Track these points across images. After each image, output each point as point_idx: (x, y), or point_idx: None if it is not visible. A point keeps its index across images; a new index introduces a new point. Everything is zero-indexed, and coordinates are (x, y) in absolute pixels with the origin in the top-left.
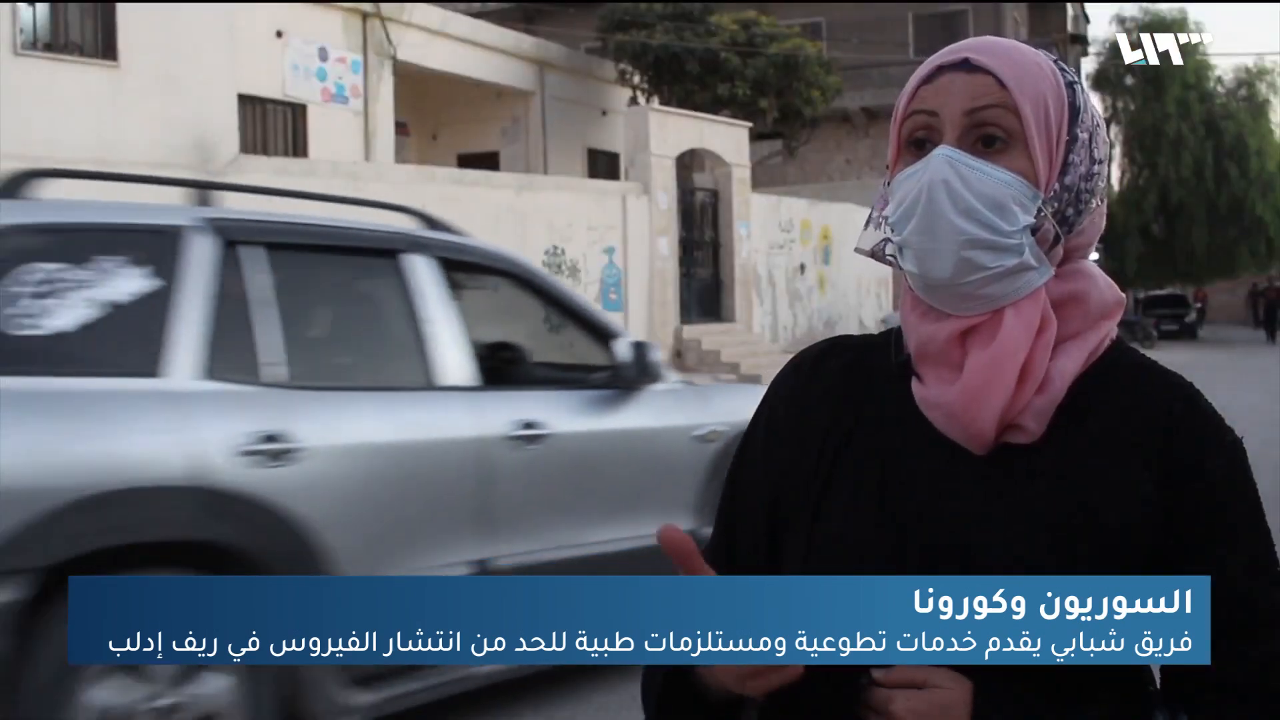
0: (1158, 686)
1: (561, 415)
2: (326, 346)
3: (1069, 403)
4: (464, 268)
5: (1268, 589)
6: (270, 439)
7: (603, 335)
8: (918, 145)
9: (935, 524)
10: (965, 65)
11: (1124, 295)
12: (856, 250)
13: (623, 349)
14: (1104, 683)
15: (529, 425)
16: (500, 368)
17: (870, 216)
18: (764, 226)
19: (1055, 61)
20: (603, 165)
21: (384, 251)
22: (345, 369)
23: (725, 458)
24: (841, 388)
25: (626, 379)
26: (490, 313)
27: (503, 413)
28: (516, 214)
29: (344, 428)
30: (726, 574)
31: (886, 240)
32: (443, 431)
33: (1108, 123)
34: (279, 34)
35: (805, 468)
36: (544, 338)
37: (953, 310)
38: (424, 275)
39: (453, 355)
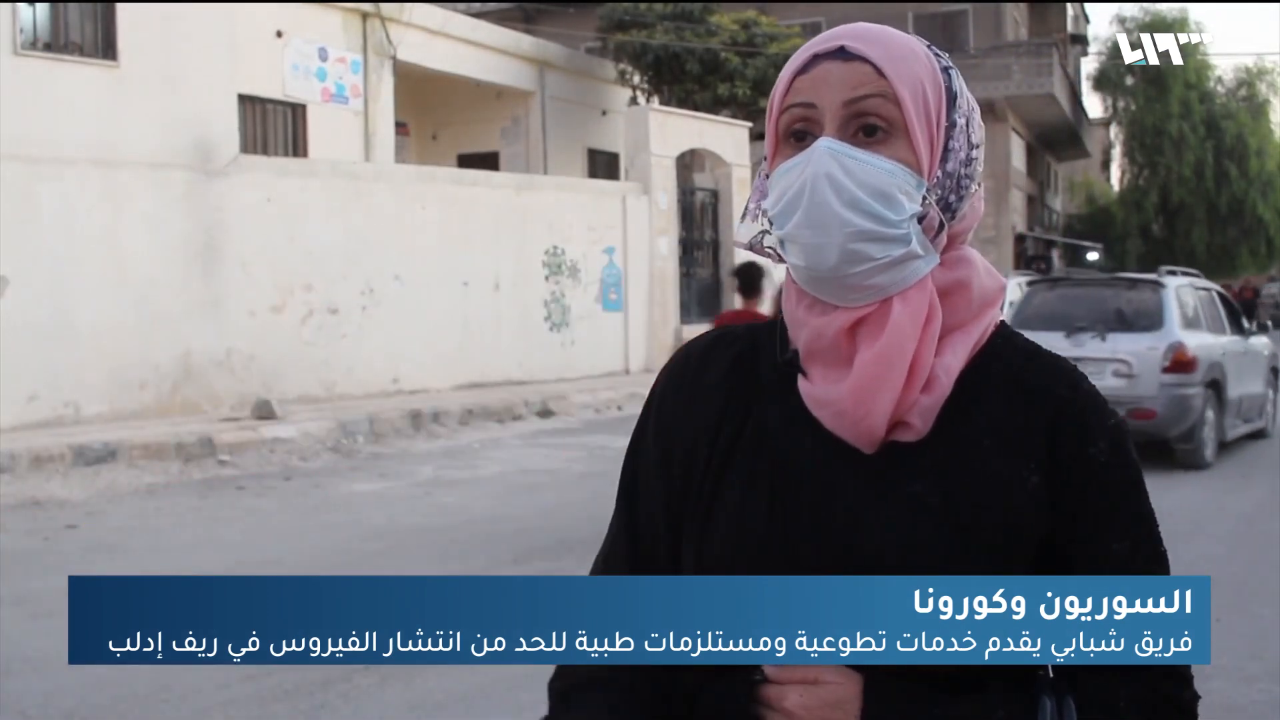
0: (1046, 671)
1: (1245, 342)
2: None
3: (955, 395)
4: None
5: (1152, 568)
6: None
7: (1239, 318)
8: (797, 137)
9: (826, 524)
10: (842, 53)
11: (1004, 282)
12: (735, 243)
13: (1247, 326)
14: (993, 671)
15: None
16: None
17: (746, 209)
18: None
19: (929, 46)
20: (603, 165)
21: (1158, 284)
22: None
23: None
24: (729, 382)
25: (1249, 332)
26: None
27: (1232, 338)
28: (516, 214)
29: (1193, 341)
30: (635, 567)
31: (765, 232)
32: (1206, 345)
33: (1108, 123)
34: (279, 34)
35: (696, 467)
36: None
37: (840, 302)
38: (1186, 291)
39: (1195, 316)
